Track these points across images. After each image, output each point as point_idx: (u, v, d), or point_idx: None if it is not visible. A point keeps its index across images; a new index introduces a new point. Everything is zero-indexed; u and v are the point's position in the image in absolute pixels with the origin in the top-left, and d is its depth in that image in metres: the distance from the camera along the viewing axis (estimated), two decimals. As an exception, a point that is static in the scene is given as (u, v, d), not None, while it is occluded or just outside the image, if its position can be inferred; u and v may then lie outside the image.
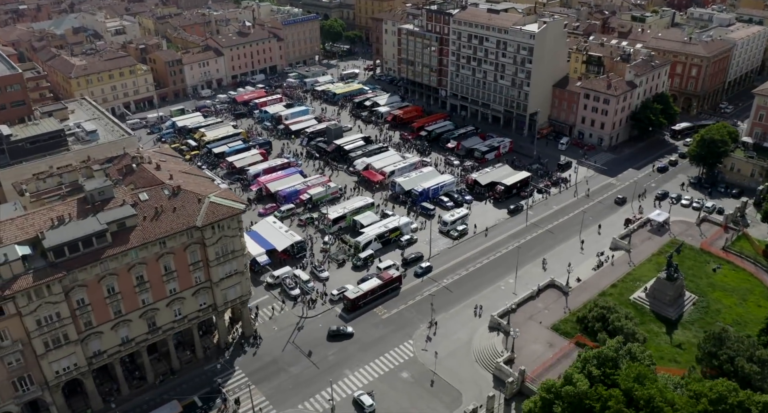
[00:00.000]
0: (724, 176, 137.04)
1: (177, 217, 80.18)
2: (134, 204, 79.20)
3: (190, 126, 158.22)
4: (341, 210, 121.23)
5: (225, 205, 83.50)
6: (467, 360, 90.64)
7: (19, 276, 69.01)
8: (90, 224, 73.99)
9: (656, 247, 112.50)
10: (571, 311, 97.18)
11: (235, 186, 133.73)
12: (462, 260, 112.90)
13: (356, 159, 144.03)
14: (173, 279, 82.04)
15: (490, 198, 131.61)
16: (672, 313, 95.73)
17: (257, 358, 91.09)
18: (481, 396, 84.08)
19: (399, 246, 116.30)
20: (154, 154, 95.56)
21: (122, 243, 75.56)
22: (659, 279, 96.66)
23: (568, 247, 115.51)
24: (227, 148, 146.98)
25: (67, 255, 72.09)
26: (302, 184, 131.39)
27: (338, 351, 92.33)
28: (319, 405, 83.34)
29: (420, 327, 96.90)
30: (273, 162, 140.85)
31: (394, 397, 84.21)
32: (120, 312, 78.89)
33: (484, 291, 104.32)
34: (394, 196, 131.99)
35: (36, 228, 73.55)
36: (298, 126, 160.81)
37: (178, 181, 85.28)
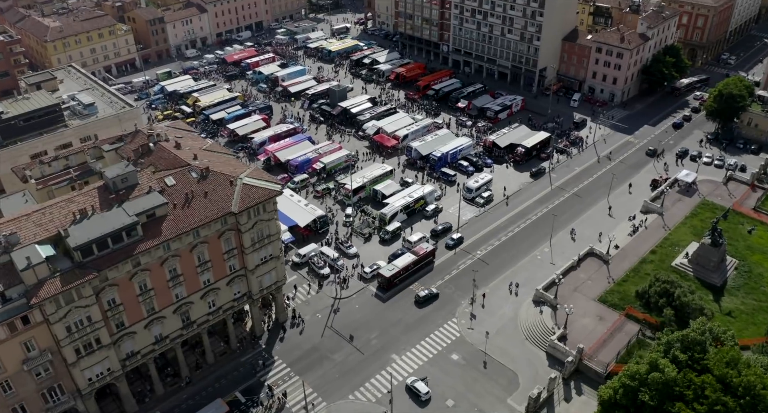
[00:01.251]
0: (741, 131, 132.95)
1: (210, 203, 71.19)
2: (161, 190, 69.78)
3: (181, 90, 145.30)
4: (360, 179, 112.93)
5: (260, 186, 74.65)
6: (516, 337, 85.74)
7: (44, 281, 59.86)
8: (117, 217, 64.59)
9: (688, 209, 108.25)
10: (615, 281, 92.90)
11: (240, 156, 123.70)
12: (492, 229, 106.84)
13: (365, 122, 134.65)
14: (207, 270, 73.66)
15: (510, 161, 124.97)
16: (717, 279, 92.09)
17: (296, 346, 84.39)
18: (537, 376, 79.63)
19: (424, 216, 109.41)
20: (168, 130, 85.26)
21: (154, 236, 66.56)
22: (703, 245, 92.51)
23: (597, 212, 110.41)
24: (226, 114, 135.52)
25: (95, 254, 62.94)
26: (313, 152, 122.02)
27: (380, 334, 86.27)
28: (370, 395, 77.68)
29: (461, 303, 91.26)
30: (278, 128, 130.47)
31: (447, 382, 79.05)
32: (153, 310, 70.61)
33: (520, 262, 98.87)
34: (410, 161, 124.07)
35: (56, 223, 63.83)
36: (297, 88, 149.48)
37: (204, 161, 75.82)
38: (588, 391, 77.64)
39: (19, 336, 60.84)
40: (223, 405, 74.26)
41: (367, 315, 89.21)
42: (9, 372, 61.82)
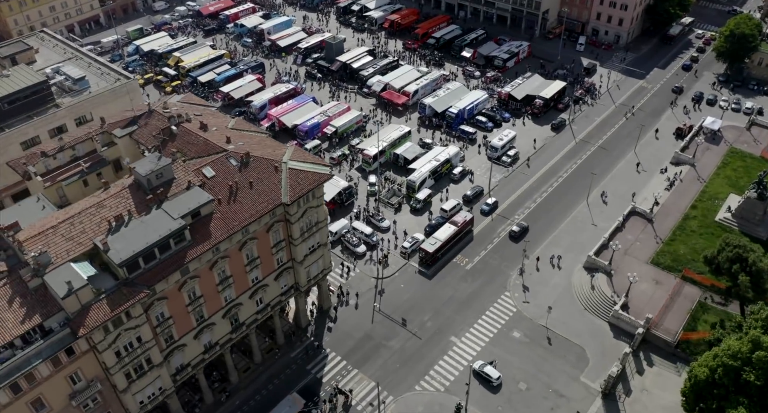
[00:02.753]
0: (751, 72, 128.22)
1: (257, 195, 61.06)
2: (202, 184, 59.11)
3: (160, 50, 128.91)
4: (379, 143, 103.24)
5: (308, 170, 64.66)
6: (575, 308, 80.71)
7: (89, 306, 49.85)
8: (161, 222, 54.07)
9: (718, 159, 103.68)
10: (663, 241, 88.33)
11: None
12: (525, 191, 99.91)
13: (368, 78, 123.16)
14: (256, 267, 64.37)
15: (527, 113, 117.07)
16: (762, 233, 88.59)
17: (347, 335, 77.05)
18: (605, 350, 75.17)
19: (452, 180, 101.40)
20: (184, 106, 73.06)
21: (204, 239, 56.48)
22: (748, 199, 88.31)
23: (626, 165, 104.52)
24: (215, 75, 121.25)
25: (142, 268, 52.90)
26: (321, 114, 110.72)
27: (433, 315, 79.64)
28: (437, 383, 71.73)
29: (510, 275, 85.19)
30: (276, 89, 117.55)
31: (515, 363, 73.75)
32: (203, 318, 61.38)
33: (561, 225, 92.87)
34: (424, 119, 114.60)
35: (89, 235, 52.85)
36: (287, 41, 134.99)
37: (238, 145, 64.93)
38: (659, 362, 73.92)
39: (63, 370, 51.22)
40: (297, 400, 67.51)
41: (415, 295, 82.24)
42: (55, 410, 52.46)
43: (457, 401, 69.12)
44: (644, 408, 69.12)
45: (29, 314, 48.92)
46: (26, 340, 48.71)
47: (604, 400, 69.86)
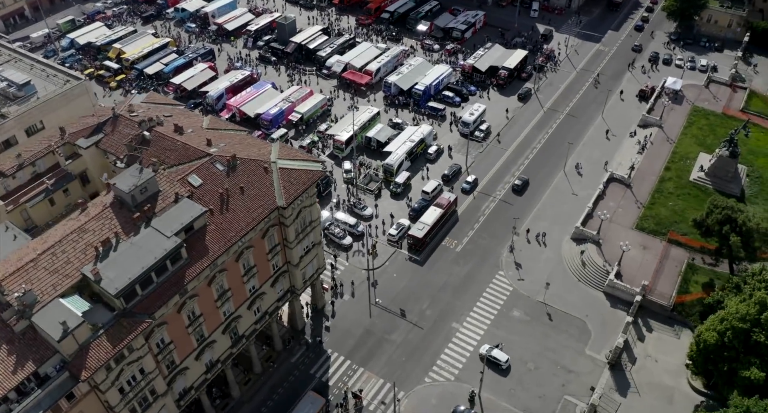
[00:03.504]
0: (701, 29, 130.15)
1: (250, 200, 56.37)
2: (190, 195, 53.92)
3: (97, 42, 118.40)
4: (349, 127, 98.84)
5: (299, 168, 60.23)
6: (569, 281, 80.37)
7: (88, 345, 44.68)
8: (153, 242, 48.88)
9: (683, 119, 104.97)
10: (644, 205, 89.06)
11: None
12: (502, 165, 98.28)
13: (326, 58, 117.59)
14: (253, 277, 59.99)
15: (492, 85, 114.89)
16: (736, 189, 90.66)
17: (346, 333, 74.01)
18: (604, 320, 75.29)
19: (428, 160, 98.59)
20: (149, 107, 66.48)
21: (202, 256, 51.74)
22: (721, 157, 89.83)
23: (596, 131, 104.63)
24: (163, 65, 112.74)
25: (140, 295, 47.89)
26: (284, 100, 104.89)
27: (431, 302, 77.57)
28: (447, 373, 69.99)
29: (502, 253, 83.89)
30: (231, 77, 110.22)
31: (519, 343, 72.90)
32: (203, 337, 56.85)
33: (543, 197, 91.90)
34: (390, 99, 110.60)
35: (75, 265, 47.18)
36: (234, 24, 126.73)
37: (220, 146, 59.60)
38: (657, 327, 74.68)
39: (64, 416, 46.22)
40: (317, 398, 64.83)
41: (410, 284, 79.83)
42: (58, 458, 47.54)
43: (469, 389, 67.77)
44: (650, 374, 69.90)
45: (20, 362, 43.39)
46: (21, 391, 43.30)
47: (612, 371, 70.16)
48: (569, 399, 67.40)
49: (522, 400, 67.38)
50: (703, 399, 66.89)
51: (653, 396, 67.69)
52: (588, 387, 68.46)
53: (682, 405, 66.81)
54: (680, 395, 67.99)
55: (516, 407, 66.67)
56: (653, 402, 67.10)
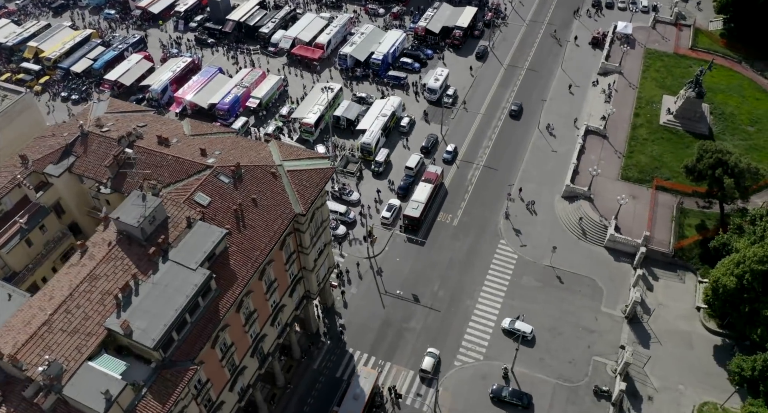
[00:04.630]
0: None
1: (266, 212, 50.56)
2: (202, 217, 47.47)
3: (8, 42, 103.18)
4: (315, 108, 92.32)
5: (309, 168, 54.61)
6: (569, 240, 79.67)
7: (133, 409, 38.69)
8: (178, 278, 42.56)
9: (639, 62, 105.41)
10: (623, 154, 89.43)
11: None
12: (477, 129, 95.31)
13: (270, 35, 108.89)
14: (275, 291, 54.85)
15: (447, 46, 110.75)
16: (704, 129, 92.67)
17: (364, 328, 70.28)
18: (612, 274, 75.53)
19: (401, 132, 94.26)
20: (117, 119, 57.78)
21: (231, 283, 46.00)
22: (688, 98, 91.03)
23: (559, 83, 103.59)
24: (91, 61, 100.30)
25: (176, 340, 41.91)
26: (238, 86, 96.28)
27: (441, 283, 74.79)
28: (475, 353, 68.09)
29: (498, 221, 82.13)
30: (172, 66, 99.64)
31: (538, 310, 71.99)
32: (235, 367, 51.61)
33: (525, 157, 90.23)
34: (347, 72, 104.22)
35: (95, 319, 40.33)
36: (159, 6, 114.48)
37: (217, 155, 52.78)
38: (662, 274, 75.78)
39: (115, 488, 40.31)
40: (370, 372, 63.56)
41: (415, 266, 76.67)
42: None
43: (501, 366, 66.62)
44: (666, 322, 71.25)
45: (60, 444, 37.14)
46: (67, 477, 37.22)
47: (631, 325, 71.01)
48: (598, 360, 67.68)
49: (554, 368, 67.01)
50: (719, 339, 69.31)
51: (673, 343, 69.18)
52: (611, 344, 68.93)
53: (702, 348, 68.70)
54: (698, 338, 69.89)
55: (550, 376, 66.27)
56: (674, 349, 68.59)
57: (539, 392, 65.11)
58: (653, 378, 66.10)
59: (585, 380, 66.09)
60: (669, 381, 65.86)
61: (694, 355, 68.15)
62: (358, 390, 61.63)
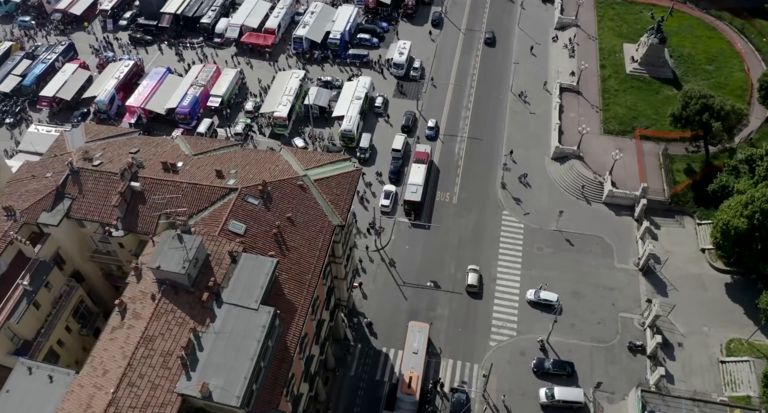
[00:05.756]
0: None
1: (304, 229, 46.07)
2: (243, 248, 42.36)
3: None
4: (284, 99, 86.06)
5: (335, 174, 50.16)
6: (568, 201, 79.15)
7: (231, 477, 34.50)
8: (241, 322, 37.90)
9: (592, 13, 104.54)
10: (600, 108, 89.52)
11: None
12: (452, 99, 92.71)
13: (214, 24, 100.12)
14: (317, 309, 51.04)
15: (401, 16, 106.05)
16: (668, 73, 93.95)
17: (392, 324, 67.30)
18: (617, 229, 76.16)
19: (377, 114, 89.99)
20: (104, 146, 50.54)
21: (292, 315, 41.73)
22: (652, 45, 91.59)
23: (520, 44, 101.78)
24: (19, 77, 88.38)
25: (256, 391, 37.47)
26: (193, 86, 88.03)
27: (456, 264, 72.74)
28: (507, 330, 67.09)
29: (496, 192, 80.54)
30: (114, 72, 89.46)
31: (556, 277, 71.32)
32: (294, 397, 47.87)
33: (505, 123, 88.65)
34: (304, 55, 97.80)
35: (164, 386, 35.25)
36: (81, 6, 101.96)
37: (232, 173, 47.26)
38: (662, 222, 77.02)
39: None
40: (423, 325, 64.66)
41: (426, 251, 74.17)
42: None
43: (536, 338, 66.17)
44: (676, 268, 72.75)
45: None
46: None
47: (646, 276, 72.22)
48: (624, 316, 68.52)
49: (586, 331, 67.28)
50: (728, 276, 71.72)
51: (689, 288, 70.97)
52: (633, 299, 69.84)
53: (715, 288, 70.83)
54: (709, 278, 71.99)
55: (584, 340, 66.53)
56: (691, 293, 70.41)
57: (577, 357, 65.36)
58: (678, 325, 67.74)
59: (617, 338, 66.90)
60: (693, 325, 67.78)
61: (709, 296, 70.31)
62: (415, 344, 62.07)
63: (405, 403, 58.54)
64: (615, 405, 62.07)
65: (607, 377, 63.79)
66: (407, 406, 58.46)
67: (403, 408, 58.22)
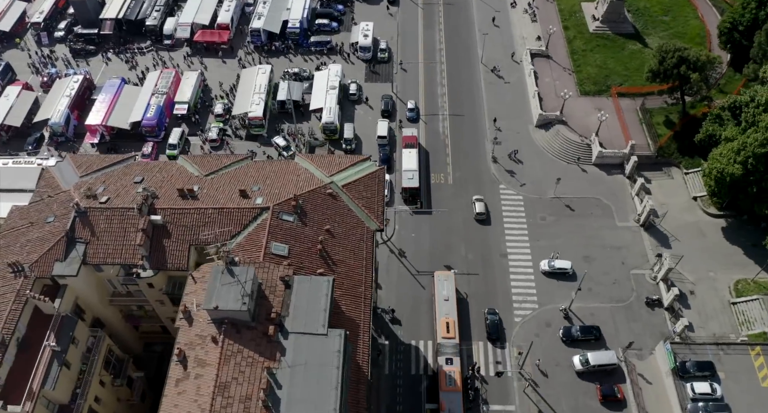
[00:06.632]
0: None
1: (345, 240, 43.66)
2: (293, 270, 39.36)
3: None
4: (256, 97, 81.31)
5: (360, 176, 47.49)
6: (560, 166, 79.44)
7: None
8: (315, 351, 35.58)
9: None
10: (572, 70, 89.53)
11: (49, 157, 76.96)
12: (425, 79, 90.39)
13: (160, 25, 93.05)
14: (360, 317, 48.93)
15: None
16: (629, 28, 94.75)
17: (415, 315, 65.94)
18: (612, 188, 77.17)
19: (353, 102, 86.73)
20: (105, 178, 45.69)
21: (356, 332, 39.44)
22: (612, 2, 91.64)
23: (480, 14, 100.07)
24: (-45, 107, 79.78)
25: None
26: (155, 95, 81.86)
27: (466, 245, 71.75)
28: (529, 304, 66.84)
29: (489, 167, 79.66)
30: (64, 90, 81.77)
31: (563, 244, 71.39)
32: (356, 410, 46.04)
33: (483, 95, 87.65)
34: (264, 48, 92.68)
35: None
36: (7, 22, 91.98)
37: (255, 190, 43.81)
38: (651, 175, 78.40)
39: None
40: (448, 274, 65.96)
41: (434, 237, 72.83)
42: None
43: (558, 308, 66.54)
44: (673, 219, 74.42)
45: None
46: None
47: (647, 231, 73.67)
48: (636, 273, 69.80)
49: (603, 294, 68.14)
50: (722, 220, 74.08)
51: (690, 235, 72.90)
52: (640, 255, 71.15)
53: (712, 232, 73.00)
54: (705, 224, 74.14)
55: (604, 302, 67.43)
56: (692, 240, 72.36)
57: (601, 320, 66.27)
58: (686, 274, 69.69)
59: (633, 295, 68.22)
60: (700, 272, 69.86)
61: (709, 242, 72.56)
62: (444, 292, 63.70)
63: (447, 398, 57.80)
64: (644, 361, 63.59)
65: (632, 334, 65.04)
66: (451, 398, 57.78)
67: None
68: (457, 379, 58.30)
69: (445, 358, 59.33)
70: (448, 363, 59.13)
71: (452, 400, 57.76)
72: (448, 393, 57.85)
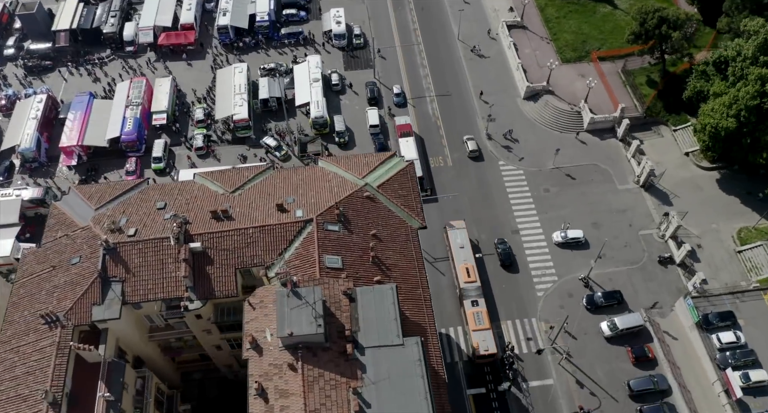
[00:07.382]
0: None
1: (393, 242, 42.20)
2: (354, 282, 37.60)
3: None
4: (238, 99, 77.59)
5: (391, 174, 45.75)
6: (554, 137, 79.47)
7: None
8: (396, 364, 34.30)
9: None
10: (550, 38, 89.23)
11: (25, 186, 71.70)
12: (406, 64, 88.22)
13: (119, 33, 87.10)
14: (407, 317, 47.72)
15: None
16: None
17: (442, 303, 65.00)
18: (609, 153, 77.91)
19: (336, 92, 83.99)
20: (119, 210, 42.36)
21: (423, 335, 37.90)
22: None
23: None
24: None
25: (435, 429, 34.24)
26: (129, 107, 76.89)
27: (477, 227, 70.82)
28: (548, 278, 66.93)
29: (486, 144, 78.84)
30: (29, 112, 75.78)
31: (570, 214, 71.73)
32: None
33: (467, 74, 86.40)
34: (235, 45, 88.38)
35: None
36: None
37: (290, 203, 41.59)
38: (642, 136, 79.37)
39: None
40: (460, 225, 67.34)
41: (444, 221, 71.68)
42: None
43: (577, 277, 67.20)
44: (670, 176, 75.78)
45: None
46: None
47: (647, 191, 74.90)
48: (644, 233, 71.06)
49: (618, 258, 69.07)
50: (716, 172, 76.00)
51: (687, 190, 74.56)
52: (645, 215, 72.41)
53: (708, 185, 74.87)
54: (700, 178, 75.96)
55: (620, 266, 68.39)
56: (690, 195, 74.07)
57: (619, 284, 67.36)
58: (691, 228, 71.50)
59: (645, 255, 69.50)
60: (703, 225, 71.70)
61: (706, 194, 74.46)
62: (459, 240, 66.04)
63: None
64: (666, 318, 65.14)
65: (650, 294, 66.59)
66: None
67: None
68: (484, 318, 60.59)
69: (470, 301, 62.01)
70: (474, 305, 61.99)
71: (484, 337, 59.89)
72: (478, 333, 60.22)
